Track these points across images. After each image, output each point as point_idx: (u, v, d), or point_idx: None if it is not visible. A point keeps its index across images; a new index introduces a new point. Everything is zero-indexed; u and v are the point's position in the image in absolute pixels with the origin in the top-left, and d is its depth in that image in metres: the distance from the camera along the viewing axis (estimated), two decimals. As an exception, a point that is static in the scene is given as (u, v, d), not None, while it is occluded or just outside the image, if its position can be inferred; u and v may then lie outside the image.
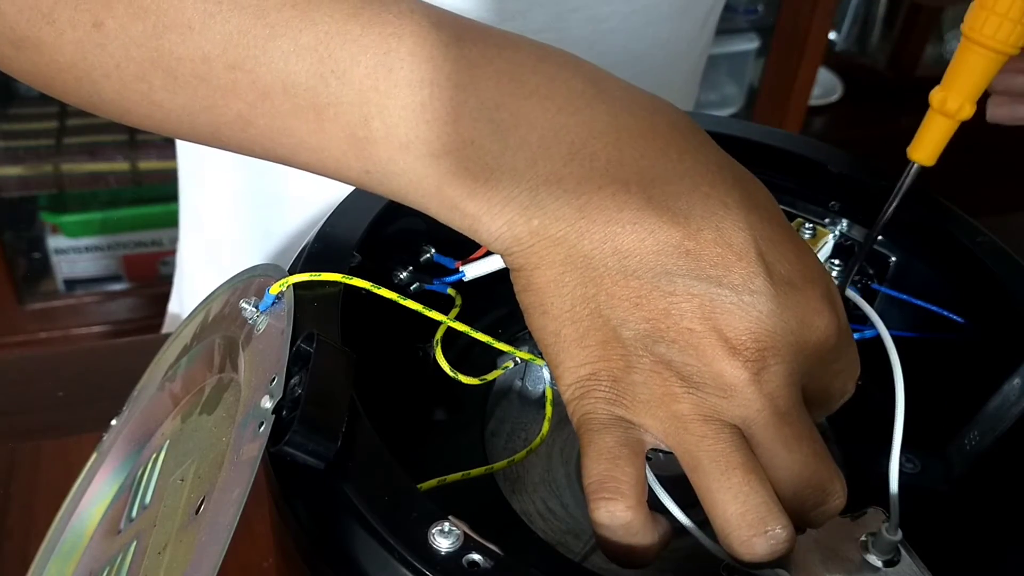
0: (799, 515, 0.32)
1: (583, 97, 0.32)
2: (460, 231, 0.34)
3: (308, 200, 0.66)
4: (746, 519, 0.31)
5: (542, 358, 0.45)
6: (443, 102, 0.31)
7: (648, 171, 0.31)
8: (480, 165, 0.31)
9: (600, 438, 0.32)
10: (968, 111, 0.37)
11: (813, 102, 2.03)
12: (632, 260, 0.31)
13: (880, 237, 0.48)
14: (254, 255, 0.70)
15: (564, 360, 0.32)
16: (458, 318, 0.43)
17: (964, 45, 0.36)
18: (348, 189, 0.46)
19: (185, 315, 0.44)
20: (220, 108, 0.33)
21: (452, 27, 0.32)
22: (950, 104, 0.37)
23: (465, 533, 0.30)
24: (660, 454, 0.40)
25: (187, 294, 0.78)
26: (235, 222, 0.70)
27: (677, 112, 0.33)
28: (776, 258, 0.31)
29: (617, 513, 0.31)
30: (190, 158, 0.72)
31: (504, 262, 0.34)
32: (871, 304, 0.43)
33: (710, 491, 0.31)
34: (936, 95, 0.37)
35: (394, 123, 0.31)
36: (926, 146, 0.38)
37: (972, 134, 0.27)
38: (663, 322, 0.31)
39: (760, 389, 0.30)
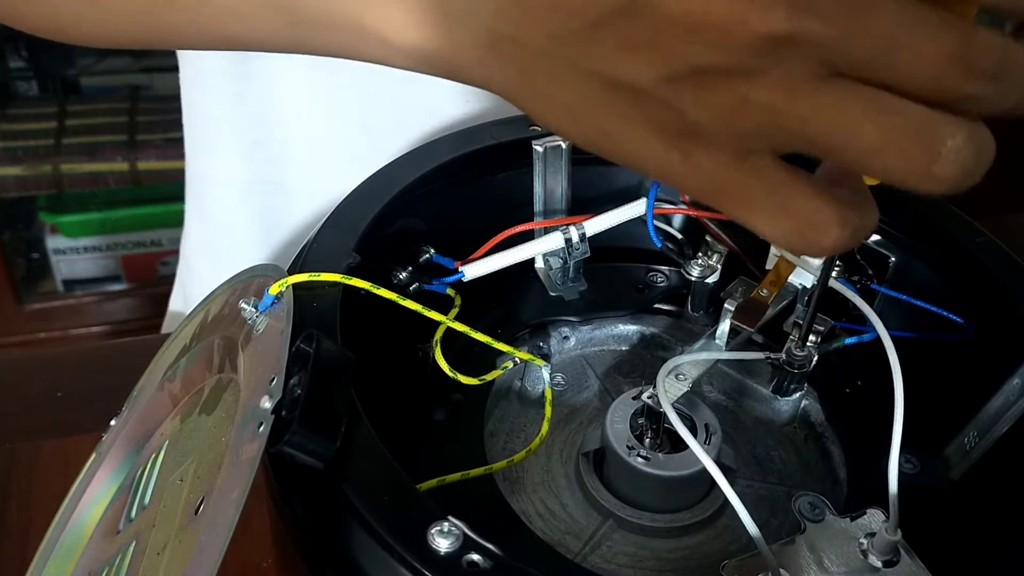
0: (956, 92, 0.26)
1: None
2: (410, 69, 0.32)
3: (315, 192, 0.66)
4: (915, 138, 0.25)
5: (541, 359, 0.45)
6: None
7: None
8: None
9: (748, 189, 0.27)
10: None
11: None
12: (588, 10, 0.27)
13: (878, 237, 0.48)
14: (260, 247, 0.70)
15: (636, 154, 0.28)
16: (457, 318, 0.43)
17: None
18: (354, 180, 0.46)
19: (187, 312, 0.45)
20: None
21: None
22: None
23: (464, 533, 0.30)
24: (660, 455, 0.40)
25: (192, 288, 0.78)
26: (242, 215, 0.70)
27: None
28: None
29: (836, 233, 0.27)
30: (200, 148, 0.72)
31: (501, 96, 0.30)
32: (871, 305, 0.43)
33: (853, 137, 0.25)
34: None
35: None
36: None
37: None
38: (665, 48, 0.26)
39: (809, 20, 0.25)
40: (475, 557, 0.30)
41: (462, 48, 0.30)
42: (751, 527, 0.34)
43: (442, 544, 0.30)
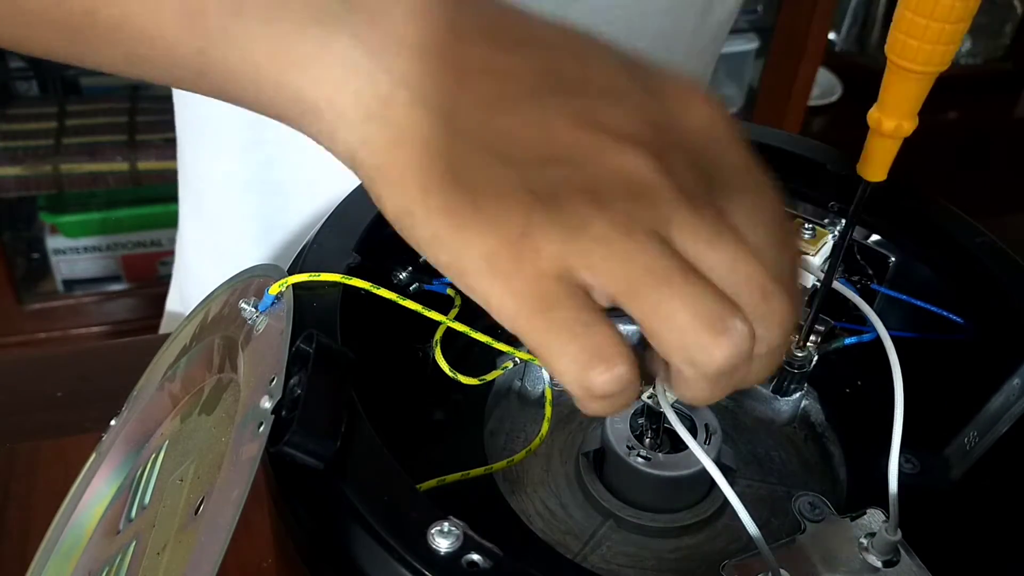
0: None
1: None
2: (298, 125, 0.32)
3: (315, 191, 0.66)
4: (701, 320, 0.28)
5: (542, 358, 0.45)
6: None
7: (486, 15, 0.29)
8: (316, 24, 0.29)
9: (557, 318, 0.28)
10: (907, 128, 0.36)
11: (813, 102, 2.03)
12: (501, 101, 0.28)
13: (878, 237, 0.48)
14: (260, 247, 0.70)
15: (462, 252, 0.28)
16: (457, 318, 0.43)
17: (890, 68, 0.35)
18: (354, 180, 0.46)
19: (184, 313, 0.44)
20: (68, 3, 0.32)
21: None
22: (886, 125, 0.37)
23: (464, 533, 0.30)
24: (660, 455, 0.40)
25: (188, 288, 0.78)
26: (241, 215, 0.70)
27: None
28: (633, 64, 0.30)
29: (623, 375, 0.28)
30: (196, 148, 0.72)
31: (359, 175, 0.30)
32: (871, 305, 0.43)
33: (654, 308, 0.28)
34: (872, 116, 0.37)
35: None
36: (873, 164, 0.38)
37: (971, 135, 0.27)
38: (545, 145, 0.28)
39: (670, 179, 0.28)
40: (475, 557, 0.30)
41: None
42: (751, 527, 0.34)
43: (442, 544, 0.30)
